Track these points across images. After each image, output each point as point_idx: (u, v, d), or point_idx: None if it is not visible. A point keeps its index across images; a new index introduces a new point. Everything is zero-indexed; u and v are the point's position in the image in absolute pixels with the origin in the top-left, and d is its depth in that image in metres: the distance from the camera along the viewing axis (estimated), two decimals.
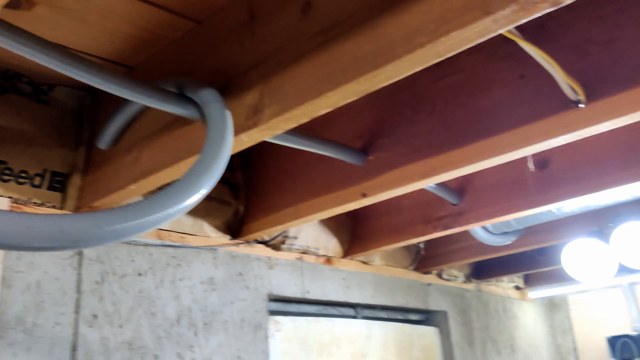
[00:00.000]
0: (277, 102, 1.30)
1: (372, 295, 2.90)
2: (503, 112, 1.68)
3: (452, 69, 1.80)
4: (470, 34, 1.03)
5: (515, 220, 2.63)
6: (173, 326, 2.01)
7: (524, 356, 4.09)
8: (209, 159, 1.05)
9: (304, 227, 2.56)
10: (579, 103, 1.51)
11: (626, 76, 1.46)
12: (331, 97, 1.22)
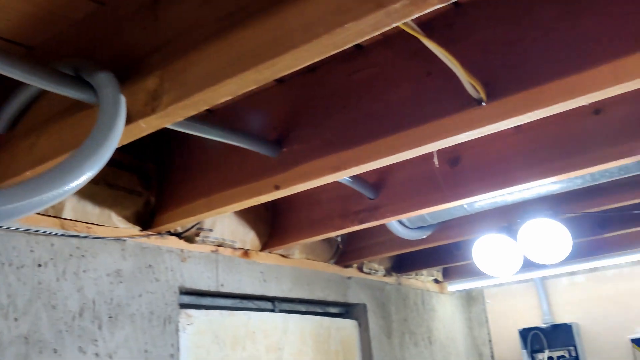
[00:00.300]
0: (177, 88, 1.26)
1: (291, 288, 2.90)
2: (412, 108, 1.70)
3: (365, 63, 1.81)
4: (365, 26, 1.03)
5: (429, 215, 2.69)
6: (75, 319, 1.93)
7: (441, 348, 4.21)
8: (95, 144, 1.00)
9: (220, 220, 2.52)
10: (481, 101, 1.55)
11: (525, 77, 1.51)
12: (231, 85, 1.20)
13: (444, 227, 3.03)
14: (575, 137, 2.04)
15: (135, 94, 1.33)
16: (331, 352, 3.08)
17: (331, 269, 3.25)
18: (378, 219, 2.49)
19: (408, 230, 2.83)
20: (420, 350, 3.92)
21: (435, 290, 4.42)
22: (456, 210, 2.63)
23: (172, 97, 1.27)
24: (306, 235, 2.69)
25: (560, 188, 2.40)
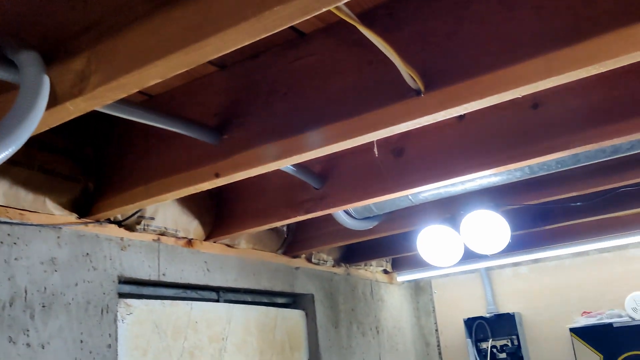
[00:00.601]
0: (104, 70, 1.22)
1: (236, 278, 2.88)
2: (353, 97, 1.70)
3: (308, 51, 1.80)
4: (294, 10, 1.01)
5: (375, 206, 2.71)
6: (5, 309, 1.86)
7: (389, 337, 4.26)
8: (10, 125, 0.96)
9: (162, 208, 2.47)
10: (419, 92, 1.56)
11: (463, 68, 1.52)
12: (159, 67, 1.16)
13: (390, 218, 3.06)
14: (515, 130, 2.08)
15: (63, 75, 1.28)
16: (276, 342, 3.07)
17: (279, 259, 3.24)
18: (324, 209, 2.49)
19: (355, 220, 2.84)
20: (368, 340, 3.96)
21: (384, 281, 4.46)
22: (401, 201, 2.66)
23: (100, 78, 1.23)
24: (251, 225, 2.66)
25: (500, 180, 2.44)
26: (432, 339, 4.77)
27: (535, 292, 4.37)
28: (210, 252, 2.76)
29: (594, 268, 4.17)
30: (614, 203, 3.04)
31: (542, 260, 4.37)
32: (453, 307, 4.70)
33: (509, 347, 4.25)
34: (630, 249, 4.06)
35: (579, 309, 4.12)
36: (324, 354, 3.38)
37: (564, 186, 2.66)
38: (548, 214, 3.26)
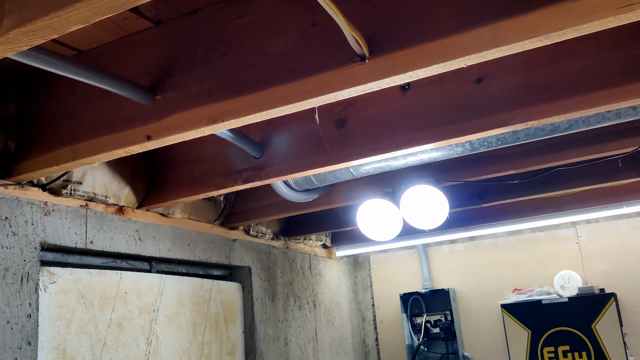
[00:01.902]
0: (19, 11, 1.10)
1: (169, 249, 2.77)
2: (295, 59, 1.62)
3: (250, 9, 1.71)
4: None
5: (315, 178, 2.66)
6: None
7: (326, 311, 4.27)
8: None
9: (91, 172, 2.33)
10: (364, 57, 1.50)
11: (408, 35, 1.47)
12: (81, 10, 1.06)
13: (331, 191, 3.02)
14: (458, 104, 2.06)
15: None
16: (211, 314, 3.00)
17: (215, 230, 3.15)
18: (262, 179, 2.41)
19: (294, 192, 2.78)
20: (305, 314, 3.94)
21: (323, 255, 4.45)
22: (342, 174, 2.61)
23: (14, 21, 1.11)
24: (187, 193, 2.56)
25: (441, 156, 2.44)
26: (368, 314, 4.81)
27: (469, 269, 4.46)
28: (143, 220, 2.65)
29: (527, 247, 4.29)
30: (549, 182, 3.11)
31: (477, 238, 4.46)
32: (390, 283, 4.74)
33: (443, 322, 4.34)
34: (561, 229, 4.20)
35: (511, 285, 4.24)
36: (260, 326, 3.34)
37: (502, 164, 2.69)
38: (486, 192, 3.31)
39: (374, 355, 4.72)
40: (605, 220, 4.06)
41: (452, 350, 4.32)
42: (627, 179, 3.00)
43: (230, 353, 3.11)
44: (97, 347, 2.28)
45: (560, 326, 3.86)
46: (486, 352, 4.28)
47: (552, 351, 3.85)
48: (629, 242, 3.98)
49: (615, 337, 3.71)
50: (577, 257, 4.11)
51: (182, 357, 2.73)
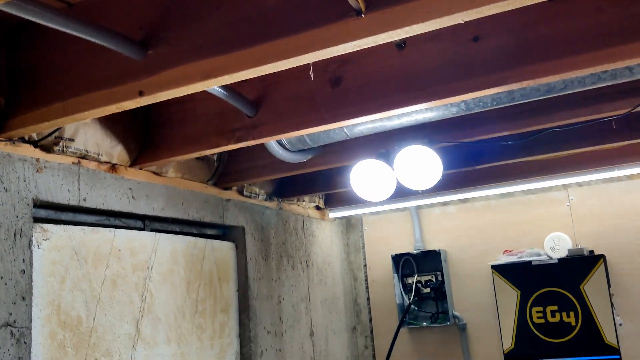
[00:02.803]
0: None
1: (163, 207, 2.77)
2: (289, 14, 1.60)
3: None
4: None
5: (309, 138, 2.65)
6: None
7: (318, 271, 4.31)
8: None
9: (83, 129, 2.31)
10: (360, 12, 1.48)
11: None
12: None
13: (324, 152, 3.01)
14: (454, 63, 2.04)
15: None
16: (205, 273, 3.03)
17: (209, 190, 3.15)
18: (256, 138, 2.40)
19: (288, 152, 2.77)
20: (298, 273, 3.98)
21: (316, 217, 4.47)
22: (336, 134, 2.60)
23: None
24: (180, 152, 2.55)
25: (436, 116, 2.43)
26: (360, 274, 4.87)
27: (461, 231, 4.50)
28: (136, 179, 2.64)
29: (519, 209, 4.32)
30: (542, 144, 3.11)
31: (470, 201, 4.49)
32: (382, 244, 4.79)
33: (433, 282, 4.40)
34: (553, 192, 4.23)
35: (502, 247, 4.29)
36: (253, 285, 3.38)
37: (497, 125, 2.68)
38: (479, 153, 3.31)
39: (365, 314, 4.80)
40: (597, 183, 4.09)
41: (442, 310, 4.39)
42: (620, 142, 3.00)
43: (224, 310, 3.15)
44: (92, 303, 2.30)
45: (549, 287, 3.92)
46: (475, 312, 4.35)
47: (541, 311, 3.92)
48: (619, 205, 4.02)
49: (603, 298, 3.78)
50: (567, 219, 4.15)
51: (176, 314, 2.76)
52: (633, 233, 3.96)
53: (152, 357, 2.57)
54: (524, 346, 3.94)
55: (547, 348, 3.87)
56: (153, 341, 2.59)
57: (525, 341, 3.94)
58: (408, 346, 4.56)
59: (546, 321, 3.90)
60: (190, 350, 2.82)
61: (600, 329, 3.75)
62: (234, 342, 3.22)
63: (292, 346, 3.73)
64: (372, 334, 4.75)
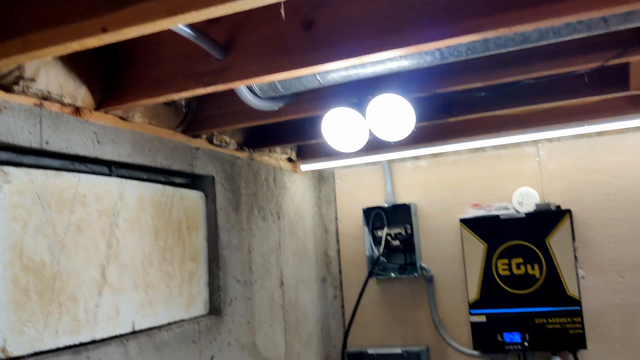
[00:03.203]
0: None
1: (130, 153, 2.71)
2: None
3: None
4: None
5: (281, 85, 2.59)
6: None
7: (289, 223, 4.31)
8: None
9: (45, 69, 2.22)
10: None
11: None
12: None
13: (297, 101, 2.96)
14: (429, 9, 1.99)
15: None
16: (173, 221, 3.00)
17: (177, 137, 3.09)
18: (225, 83, 2.34)
19: (259, 100, 2.72)
20: (269, 224, 3.98)
21: (288, 169, 4.44)
22: (309, 82, 2.55)
23: None
24: (146, 96, 2.48)
25: (411, 65, 2.39)
26: (331, 227, 4.89)
27: (432, 185, 4.53)
28: (101, 123, 2.56)
29: (489, 164, 4.36)
30: (515, 98, 3.11)
31: (441, 155, 4.50)
32: (353, 197, 4.80)
33: (403, 235, 4.44)
34: (523, 147, 4.26)
35: (471, 201, 4.33)
36: (223, 235, 3.36)
37: (471, 76, 2.66)
38: (452, 106, 3.30)
39: (335, 266, 4.84)
40: (566, 139, 4.13)
41: (410, 262, 4.46)
42: (592, 97, 3.02)
43: (193, 259, 3.13)
44: (56, 249, 2.26)
45: (515, 240, 4.00)
46: (443, 264, 4.43)
47: (506, 263, 4.01)
48: (587, 162, 4.08)
49: (567, 251, 3.87)
50: (536, 174, 4.20)
51: (144, 261, 2.74)
52: (599, 189, 4.03)
53: (119, 303, 2.55)
54: (489, 297, 4.04)
55: (511, 299, 3.97)
56: (120, 287, 2.57)
57: (490, 292, 4.04)
58: (376, 296, 4.64)
59: (511, 273, 3.99)
60: (158, 297, 2.81)
61: (563, 281, 3.86)
62: (203, 291, 3.22)
63: (262, 295, 3.76)
64: (342, 284, 4.81)
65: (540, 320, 3.89)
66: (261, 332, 3.70)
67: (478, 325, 4.06)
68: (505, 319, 3.98)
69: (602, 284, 3.98)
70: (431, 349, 4.44)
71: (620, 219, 3.97)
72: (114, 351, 2.43)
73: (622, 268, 3.94)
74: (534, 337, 3.90)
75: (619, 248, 3.95)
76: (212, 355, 3.12)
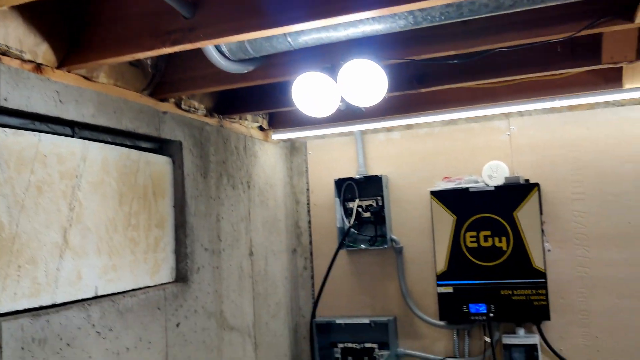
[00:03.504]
0: None
1: (94, 114, 2.62)
2: None
3: None
4: None
5: (251, 46, 2.53)
6: None
7: (260, 193, 4.27)
8: None
9: (3, 22, 2.12)
10: None
11: None
12: None
13: (268, 64, 2.90)
14: None
15: None
16: (139, 186, 2.93)
17: (144, 100, 3.00)
18: (193, 42, 2.27)
19: (229, 62, 2.65)
20: (238, 193, 3.93)
21: (260, 138, 4.38)
22: (280, 43, 2.49)
23: None
24: (111, 54, 2.39)
25: (384, 29, 2.35)
26: (302, 198, 4.87)
27: (404, 157, 4.52)
28: (64, 82, 2.47)
29: (461, 137, 4.36)
30: (487, 69, 3.10)
31: (414, 127, 4.49)
32: (325, 169, 4.77)
33: (374, 206, 4.44)
34: (495, 121, 4.27)
35: (442, 174, 4.34)
36: (191, 202, 3.31)
37: (444, 44, 2.63)
38: (425, 76, 3.27)
39: (306, 237, 4.83)
40: (537, 113, 4.15)
41: (380, 234, 4.47)
42: (564, 69, 3.02)
43: (159, 226, 3.08)
44: (15, 209, 2.18)
45: (484, 213, 4.02)
46: (412, 236, 4.45)
47: (474, 236, 4.04)
48: (557, 136, 4.11)
49: (535, 225, 3.92)
50: (507, 148, 4.22)
51: (108, 225, 2.67)
52: (568, 164, 4.07)
53: (82, 267, 2.49)
54: (456, 269, 4.08)
55: (478, 271, 4.02)
56: (82, 251, 2.50)
57: (457, 264, 4.07)
58: (346, 268, 4.65)
59: (479, 245, 4.02)
60: (122, 262, 2.75)
61: (530, 254, 3.91)
62: (170, 258, 3.17)
63: (230, 264, 3.73)
64: (312, 255, 4.80)
65: (505, 292, 3.94)
66: (229, 300, 3.67)
67: (445, 297, 4.10)
68: (472, 290, 4.03)
69: (567, 257, 4.05)
70: (399, 320, 4.48)
71: (587, 193, 4.02)
72: (76, 315, 2.38)
73: (587, 242, 4.01)
74: (499, 308, 3.96)
75: (585, 222, 4.02)
76: (178, 322, 3.09)
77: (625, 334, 3.91)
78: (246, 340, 3.88)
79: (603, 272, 3.97)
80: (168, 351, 2.99)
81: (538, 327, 4.05)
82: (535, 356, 3.94)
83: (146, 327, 2.82)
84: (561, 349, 4.05)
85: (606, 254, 3.96)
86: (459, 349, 4.28)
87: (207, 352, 3.36)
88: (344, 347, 4.47)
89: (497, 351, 4.14)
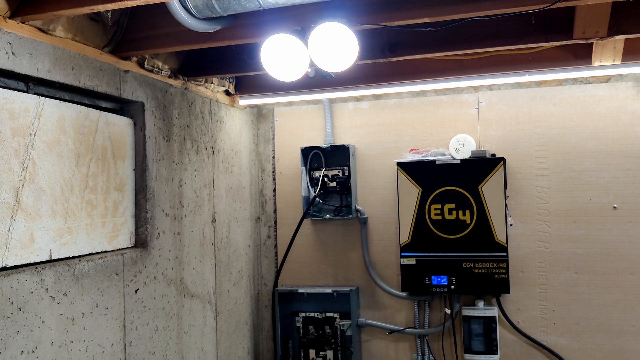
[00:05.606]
0: None
1: (50, 69, 2.48)
2: None
3: None
4: None
5: (218, 3, 2.41)
6: None
7: (224, 159, 4.18)
8: None
9: None
10: None
11: None
12: None
13: (236, 25, 2.79)
14: None
15: None
16: (97, 147, 2.81)
17: (104, 57, 2.86)
18: None
19: (194, 20, 2.54)
20: (202, 158, 3.83)
21: (226, 103, 4.27)
22: (248, 2, 2.39)
23: None
24: (68, 5, 2.25)
25: None
26: (268, 166, 4.79)
27: (372, 127, 4.48)
28: (17, 33, 2.32)
29: (429, 109, 4.33)
30: (459, 40, 3.06)
31: (383, 97, 4.44)
32: (292, 137, 4.69)
33: (340, 176, 4.40)
34: (464, 94, 4.25)
35: (410, 146, 4.33)
36: (152, 165, 3.20)
37: (418, 10, 2.56)
38: (397, 44, 3.21)
39: (271, 205, 4.77)
40: (506, 87, 4.14)
41: (345, 204, 4.44)
42: (536, 43, 3.00)
43: (118, 189, 2.97)
44: None
45: (449, 186, 4.03)
46: (377, 207, 4.44)
47: (439, 208, 4.05)
48: (524, 112, 4.12)
49: (498, 199, 3.94)
50: (475, 122, 4.21)
51: (64, 186, 2.56)
52: (533, 139, 4.09)
53: (35, 230, 2.38)
54: (420, 241, 4.09)
55: (441, 243, 4.03)
56: (36, 213, 2.39)
57: (421, 236, 4.08)
58: (310, 237, 4.62)
59: (443, 218, 4.03)
60: (78, 225, 2.65)
61: (492, 228, 3.94)
62: (129, 222, 3.07)
63: (192, 231, 3.65)
64: (276, 224, 4.75)
65: (467, 265, 3.98)
66: (190, 267, 3.60)
67: (407, 268, 4.12)
68: (434, 262, 4.05)
69: (529, 232, 4.10)
70: (361, 290, 4.49)
71: (551, 170, 4.06)
72: (28, 279, 2.28)
73: (548, 217, 4.06)
74: (460, 280, 4.00)
75: (548, 198, 4.06)
76: (136, 288, 3.01)
77: (581, 308, 4.01)
78: (207, 307, 3.83)
79: (562, 247, 4.04)
80: (126, 317, 2.91)
81: (497, 300, 4.12)
82: (494, 328, 4.01)
83: (103, 292, 2.74)
84: (519, 321, 4.13)
85: (566, 230, 4.03)
86: (419, 320, 4.33)
87: (167, 319, 3.30)
88: (305, 317, 4.46)
89: (456, 322, 4.19)
